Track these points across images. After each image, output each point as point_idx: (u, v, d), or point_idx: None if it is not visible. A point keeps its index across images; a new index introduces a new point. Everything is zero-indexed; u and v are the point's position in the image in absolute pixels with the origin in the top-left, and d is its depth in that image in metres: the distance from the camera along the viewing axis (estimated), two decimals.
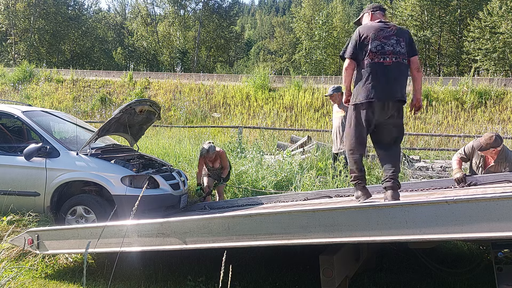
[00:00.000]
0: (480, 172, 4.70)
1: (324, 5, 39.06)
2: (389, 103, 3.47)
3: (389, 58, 3.42)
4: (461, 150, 4.91)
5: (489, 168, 4.63)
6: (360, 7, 69.47)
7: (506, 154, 4.58)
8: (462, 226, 2.41)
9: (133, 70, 23.63)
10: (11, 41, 35.13)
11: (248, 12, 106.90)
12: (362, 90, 3.45)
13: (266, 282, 4.15)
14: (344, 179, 5.98)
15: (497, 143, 4.42)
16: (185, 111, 17.56)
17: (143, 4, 42.57)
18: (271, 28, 69.44)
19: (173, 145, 8.79)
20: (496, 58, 25.36)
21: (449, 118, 15.17)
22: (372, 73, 3.44)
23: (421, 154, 9.57)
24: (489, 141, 4.41)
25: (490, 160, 4.63)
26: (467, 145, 4.85)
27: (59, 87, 21.03)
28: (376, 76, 3.43)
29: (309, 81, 18.96)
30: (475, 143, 4.64)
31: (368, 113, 3.47)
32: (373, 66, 3.43)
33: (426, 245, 3.51)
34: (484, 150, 4.48)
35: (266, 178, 6.36)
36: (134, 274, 4.15)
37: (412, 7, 30.36)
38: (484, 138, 4.48)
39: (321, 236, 2.80)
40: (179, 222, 3.41)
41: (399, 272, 4.33)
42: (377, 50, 3.42)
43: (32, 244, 3.98)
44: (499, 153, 4.54)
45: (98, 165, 4.95)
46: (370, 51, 3.42)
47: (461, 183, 4.44)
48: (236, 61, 49.55)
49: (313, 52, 34.51)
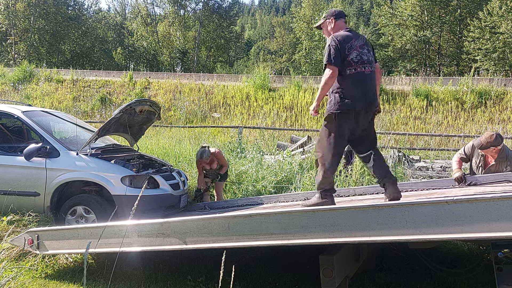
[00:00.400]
0: (480, 171, 4.70)
1: (324, 5, 39.01)
2: (371, 111, 3.56)
3: (367, 68, 3.50)
4: (461, 150, 4.91)
5: (489, 168, 4.62)
6: (360, 7, 69.55)
7: (506, 154, 4.57)
8: (462, 226, 2.41)
9: (133, 70, 23.63)
10: (11, 41, 35.11)
11: (248, 12, 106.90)
12: (347, 99, 3.44)
13: (266, 282, 4.15)
14: (344, 179, 5.99)
15: (498, 142, 4.42)
16: (185, 111, 17.56)
17: (143, 4, 42.56)
18: (271, 28, 69.45)
19: (173, 145, 8.79)
20: (496, 58, 25.34)
21: (449, 118, 15.17)
22: (355, 83, 3.46)
23: (421, 154, 9.57)
24: (489, 139, 4.40)
25: (490, 160, 4.63)
26: (467, 145, 4.85)
27: (59, 87, 21.03)
28: (359, 85, 3.46)
29: (309, 81, 18.95)
30: (475, 142, 4.65)
31: (353, 123, 3.49)
32: (356, 75, 3.46)
33: (426, 245, 3.52)
34: (484, 148, 4.48)
35: (266, 178, 6.36)
36: (134, 274, 4.15)
37: (412, 7, 30.33)
38: (484, 137, 4.48)
39: (321, 236, 2.81)
40: (179, 222, 3.41)
41: (399, 272, 4.33)
42: (357, 60, 3.47)
43: (32, 244, 3.98)
44: (499, 152, 4.54)
45: (98, 165, 4.95)
46: (352, 60, 3.45)
47: (461, 183, 4.44)
48: (236, 61, 49.54)
49: (313, 52, 34.48)
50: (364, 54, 3.50)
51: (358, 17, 60.50)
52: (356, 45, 3.48)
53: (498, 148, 4.49)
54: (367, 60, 3.50)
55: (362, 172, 6.13)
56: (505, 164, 4.54)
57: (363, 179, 6.06)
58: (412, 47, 31.16)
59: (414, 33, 30.29)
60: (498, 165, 4.57)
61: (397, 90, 17.28)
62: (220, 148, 8.20)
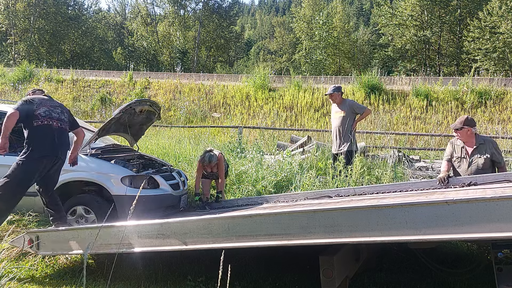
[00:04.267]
0: (465, 163, 4.70)
1: (324, 5, 39.01)
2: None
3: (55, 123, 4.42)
4: (444, 153, 5.00)
5: (472, 153, 4.67)
6: (360, 7, 69.56)
7: (483, 138, 4.75)
8: (462, 226, 2.41)
9: (133, 70, 23.57)
10: (11, 41, 35.11)
11: (248, 12, 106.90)
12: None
13: (266, 282, 4.15)
14: (344, 179, 5.98)
15: (471, 122, 4.66)
16: (185, 111, 17.56)
17: (143, 4, 42.56)
18: (271, 28, 69.46)
19: (173, 145, 8.79)
20: (496, 58, 25.34)
21: (449, 118, 15.16)
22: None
23: (421, 154, 9.57)
24: (462, 119, 4.65)
25: (471, 145, 4.70)
26: (447, 146, 4.98)
27: (59, 87, 21.03)
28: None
29: (309, 81, 18.95)
30: (451, 126, 4.86)
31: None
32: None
33: (426, 245, 3.52)
34: (459, 129, 4.66)
35: (266, 178, 6.36)
36: (134, 274, 4.15)
37: (412, 7, 30.33)
38: (458, 119, 4.75)
39: (321, 236, 2.80)
40: (179, 223, 3.41)
41: (399, 272, 4.33)
42: (45, 114, 4.38)
43: (31, 245, 3.98)
44: (476, 137, 4.68)
45: (98, 165, 4.95)
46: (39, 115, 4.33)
47: (442, 183, 4.50)
48: (236, 61, 49.55)
49: (313, 52, 34.46)
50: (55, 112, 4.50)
51: (358, 17, 60.46)
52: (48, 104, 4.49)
53: (472, 130, 4.64)
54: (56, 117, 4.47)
55: (362, 172, 6.13)
56: (485, 147, 4.64)
57: (363, 179, 6.06)
58: (412, 47, 31.17)
59: (414, 33, 30.30)
60: (479, 149, 4.65)
61: (397, 90, 17.28)
62: (220, 148, 8.21)
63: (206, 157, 5.68)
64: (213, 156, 5.69)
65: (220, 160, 5.82)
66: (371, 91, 16.88)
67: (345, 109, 6.50)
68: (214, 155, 5.72)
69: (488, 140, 4.73)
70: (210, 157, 5.67)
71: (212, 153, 5.75)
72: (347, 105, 6.54)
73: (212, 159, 5.68)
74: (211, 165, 5.74)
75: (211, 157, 5.68)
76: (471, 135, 4.68)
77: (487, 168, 4.58)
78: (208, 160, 5.66)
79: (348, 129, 6.41)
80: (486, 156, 4.59)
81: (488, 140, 4.73)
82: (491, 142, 4.72)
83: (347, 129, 6.40)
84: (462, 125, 4.64)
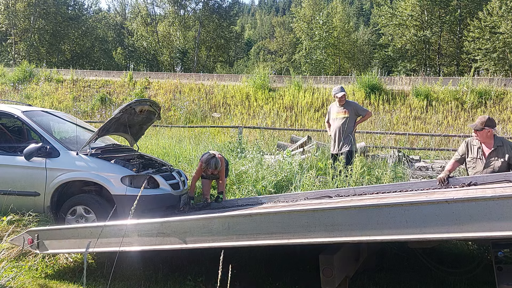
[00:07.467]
0: (481, 164, 4.64)
1: (324, 5, 39.02)
2: None
3: None
4: (456, 152, 4.92)
5: (489, 155, 4.57)
6: (360, 7, 69.56)
7: (501, 140, 4.61)
8: (462, 226, 2.41)
9: (133, 70, 23.60)
10: (11, 41, 35.10)
11: (248, 12, 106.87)
12: None
13: (266, 282, 4.15)
14: (344, 179, 5.98)
15: (492, 123, 4.49)
16: (185, 111, 17.56)
17: (143, 4, 42.54)
18: (271, 28, 69.47)
19: (173, 145, 8.79)
20: (496, 58, 25.35)
21: (449, 118, 15.17)
22: None
23: (421, 154, 9.57)
24: (483, 119, 4.47)
25: (487, 148, 4.61)
26: (460, 146, 4.87)
27: (59, 87, 21.03)
28: None
29: (309, 81, 18.95)
30: (470, 125, 4.70)
31: None
32: None
33: (426, 245, 3.52)
34: (479, 130, 4.51)
35: (266, 178, 6.36)
36: (134, 274, 4.15)
37: (412, 7, 30.35)
38: (478, 119, 4.56)
39: (321, 235, 2.80)
40: (179, 222, 3.41)
41: (399, 272, 4.33)
42: None
43: (32, 243, 3.98)
44: (494, 138, 4.56)
45: (98, 165, 4.94)
46: None
47: (442, 184, 4.45)
48: (236, 61, 49.54)
49: (313, 52, 34.47)
50: None
51: (358, 17, 60.48)
52: None
53: (492, 131, 4.51)
54: None
55: (362, 172, 6.13)
56: (503, 149, 4.51)
57: (363, 179, 6.06)
58: (412, 47, 31.18)
59: (414, 33, 30.32)
60: (497, 151, 4.54)
61: (397, 90, 17.28)
62: (220, 148, 8.21)
63: (212, 163, 5.66)
64: (218, 162, 5.69)
65: (222, 163, 5.82)
66: (371, 91, 16.88)
67: (349, 110, 6.50)
68: (218, 160, 5.71)
69: (506, 143, 4.58)
70: (216, 163, 5.66)
71: (216, 159, 5.73)
72: (351, 106, 6.54)
73: (218, 165, 5.68)
74: (217, 171, 5.74)
75: (217, 163, 5.67)
76: (491, 136, 4.54)
77: (502, 171, 4.46)
78: (215, 167, 5.66)
79: (349, 130, 6.40)
80: (504, 159, 4.47)
81: (506, 143, 4.58)
82: (510, 145, 4.57)
83: (348, 129, 6.40)
84: (483, 126, 4.47)
